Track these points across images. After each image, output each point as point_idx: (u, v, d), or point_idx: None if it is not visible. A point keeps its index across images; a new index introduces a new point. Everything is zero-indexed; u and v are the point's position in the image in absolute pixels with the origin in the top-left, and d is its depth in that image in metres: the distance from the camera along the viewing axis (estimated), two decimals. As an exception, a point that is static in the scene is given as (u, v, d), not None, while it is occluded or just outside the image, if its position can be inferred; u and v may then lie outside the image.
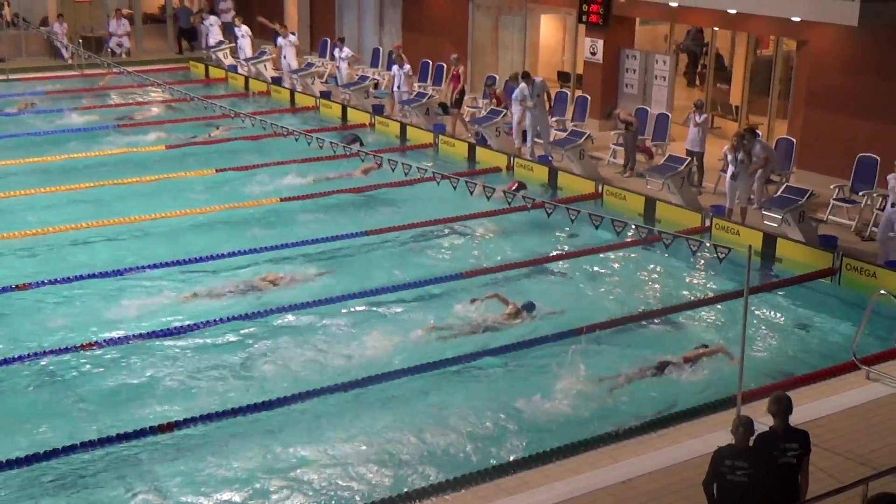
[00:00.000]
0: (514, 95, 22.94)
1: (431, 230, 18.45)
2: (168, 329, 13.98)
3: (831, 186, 19.16)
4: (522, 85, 22.69)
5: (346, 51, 29.06)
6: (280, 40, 30.03)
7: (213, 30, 33.08)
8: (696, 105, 21.06)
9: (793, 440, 9.05)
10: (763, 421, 9.35)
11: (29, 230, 17.57)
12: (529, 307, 14.89)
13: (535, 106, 22.56)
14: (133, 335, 13.75)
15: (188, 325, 14.08)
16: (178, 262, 16.24)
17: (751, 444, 8.91)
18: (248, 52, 31.42)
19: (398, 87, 26.23)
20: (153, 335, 13.80)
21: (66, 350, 13.28)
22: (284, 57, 29.89)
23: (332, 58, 30.08)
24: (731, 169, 18.45)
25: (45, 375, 12.88)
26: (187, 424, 11.55)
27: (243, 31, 31.64)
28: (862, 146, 19.27)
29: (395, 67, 26.44)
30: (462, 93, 25.23)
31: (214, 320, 14.19)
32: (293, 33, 31.10)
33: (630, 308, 15.15)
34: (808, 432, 9.19)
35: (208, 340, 13.92)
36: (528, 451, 11.17)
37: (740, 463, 8.72)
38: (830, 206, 18.98)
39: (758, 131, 19.27)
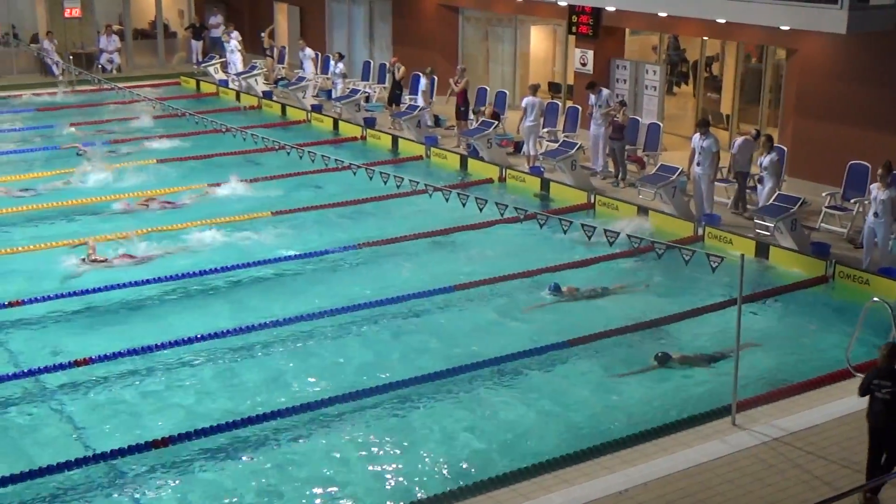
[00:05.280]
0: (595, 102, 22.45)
1: (423, 242, 18.38)
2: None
3: (823, 194, 19.20)
4: (606, 92, 22.65)
5: (340, 66, 29.10)
6: (300, 53, 30.77)
7: (230, 45, 32.35)
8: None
9: None
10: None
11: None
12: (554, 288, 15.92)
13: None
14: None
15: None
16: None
17: None
18: (239, 67, 31.42)
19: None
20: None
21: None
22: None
23: (325, 71, 30.17)
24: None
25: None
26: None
27: (232, 45, 31.65)
28: (853, 154, 19.30)
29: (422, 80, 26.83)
30: (466, 105, 25.14)
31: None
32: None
33: (623, 319, 15.10)
34: None
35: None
36: (524, 462, 11.14)
37: (885, 382, 10.20)
38: (822, 213, 19.01)
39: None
